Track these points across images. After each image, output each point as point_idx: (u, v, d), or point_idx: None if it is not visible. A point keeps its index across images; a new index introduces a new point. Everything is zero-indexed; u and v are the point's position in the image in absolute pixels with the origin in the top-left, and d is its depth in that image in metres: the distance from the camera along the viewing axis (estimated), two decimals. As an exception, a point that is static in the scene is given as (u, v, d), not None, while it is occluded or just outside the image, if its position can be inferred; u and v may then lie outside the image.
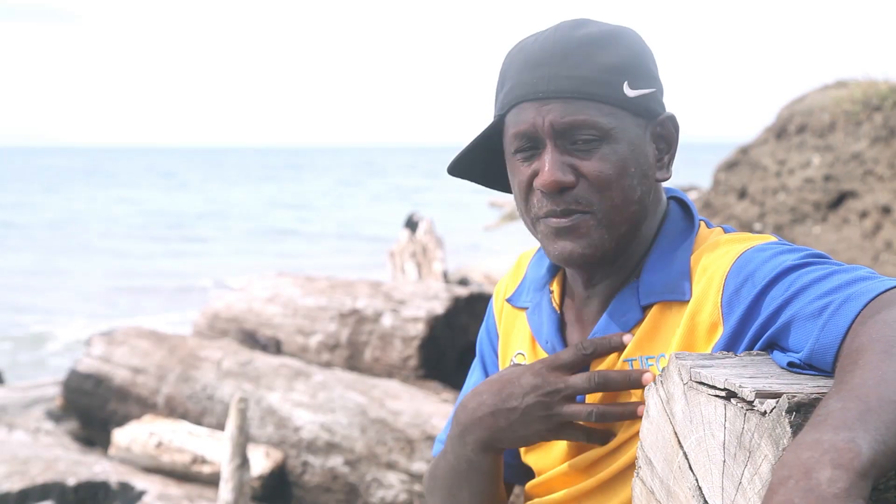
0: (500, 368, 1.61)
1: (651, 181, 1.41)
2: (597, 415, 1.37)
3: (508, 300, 1.61)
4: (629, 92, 1.36)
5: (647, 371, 1.37)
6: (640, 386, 1.36)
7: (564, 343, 1.49)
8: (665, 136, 1.43)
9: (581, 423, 1.41)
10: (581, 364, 1.40)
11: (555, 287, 1.53)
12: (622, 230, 1.39)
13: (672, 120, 1.43)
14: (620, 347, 1.39)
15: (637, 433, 1.36)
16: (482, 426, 1.44)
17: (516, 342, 1.58)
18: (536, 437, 1.42)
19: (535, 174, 1.39)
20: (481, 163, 1.51)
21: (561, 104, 1.35)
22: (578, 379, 1.38)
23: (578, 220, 1.37)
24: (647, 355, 1.38)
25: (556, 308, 1.51)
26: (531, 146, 1.39)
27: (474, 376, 1.68)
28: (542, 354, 1.51)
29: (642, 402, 1.34)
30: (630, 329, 1.41)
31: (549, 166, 1.36)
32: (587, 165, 1.36)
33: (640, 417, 1.33)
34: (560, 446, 1.49)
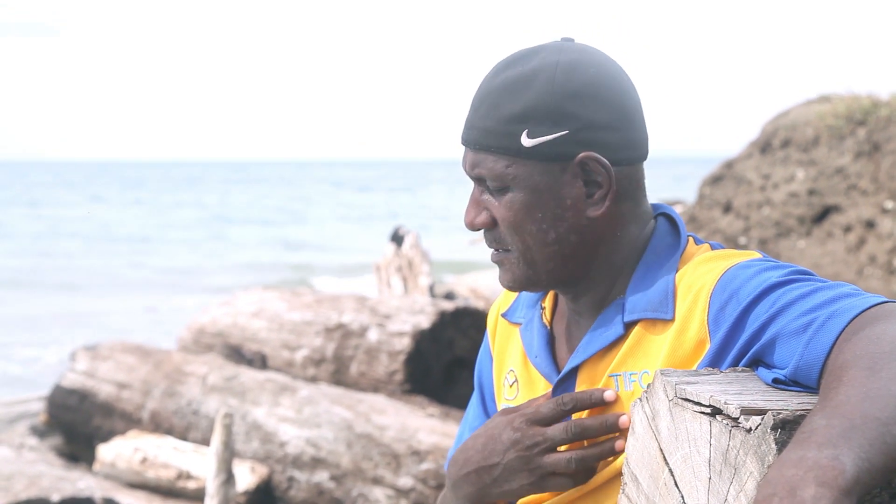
0: (495, 390, 1.62)
1: (576, 219, 1.40)
2: (576, 461, 1.39)
3: (504, 315, 1.62)
4: (526, 142, 1.38)
5: (624, 414, 1.37)
6: (618, 429, 1.38)
7: (552, 358, 1.50)
8: (592, 172, 1.40)
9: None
10: (560, 418, 1.41)
11: (547, 303, 1.54)
12: (549, 266, 1.43)
13: (593, 159, 1.39)
14: (601, 403, 1.40)
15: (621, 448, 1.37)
16: (469, 483, 1.46)
17: (509, 360, 1.59)
18: (523, 491, 1.43)
19: None
20: None
21: (472, 154, 1.44)
22: (556, 430, 1.40)
23: (502, 256, 1.46)
24: (630, 371, 1.39)
25: (546, 324, 1.52)
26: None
27: (471, 413, 1.70)
28: (533, 371, 1.52)
29: (622, 437, 1.35)
30: (611, 343, 1.41)
31: (468, 209, 1.46)
32: (496, 209, 1.43)
33: (621, 452, 1.36)
34: None
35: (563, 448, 1.41)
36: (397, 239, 9.24)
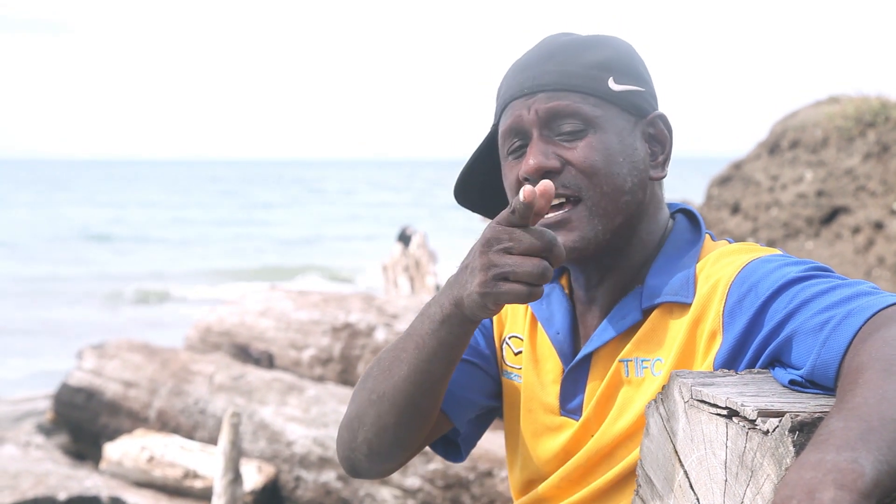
0: (497, 349, 1.56)
1: (644, 175, 1.41)
2: (529, 265, 1.21)
3: None
4: (614, 86, 1.39)
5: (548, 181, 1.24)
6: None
7: (574, 345, 1.45)
8: (657, 135, 1.45)
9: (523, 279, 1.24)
10: (527, 217, 1.24)
11: (563, 281, 1.51)
12: (616, 222, 1.37)
13: (663, 119, 1.45)
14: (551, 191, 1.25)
15: (629, 437, 1.35)
16: (450, 289, 1.33)
17: (514, 324, 1.54)
18: (478, 298, 1.26)
19: (519, 177, 1.40)
20: (487, 189, 1.52)
21: (545, 95, 1.39)
22: (522, 232, 1.23)
23: (569, 213, 1.36)
24: (642, 357, 1.37)
25: (569, 298, 1.48)
26: (520, 142, 1.41)
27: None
28: (543, 344, 1.48)
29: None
30: (627, 330, 1.39)
31: (532, 153, 1.37)
32: (573, 153, 1.37)
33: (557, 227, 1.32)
34: (547, 452, 1.46)
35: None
36: (404, 239, 9.24)
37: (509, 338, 1.54)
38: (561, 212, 1.37)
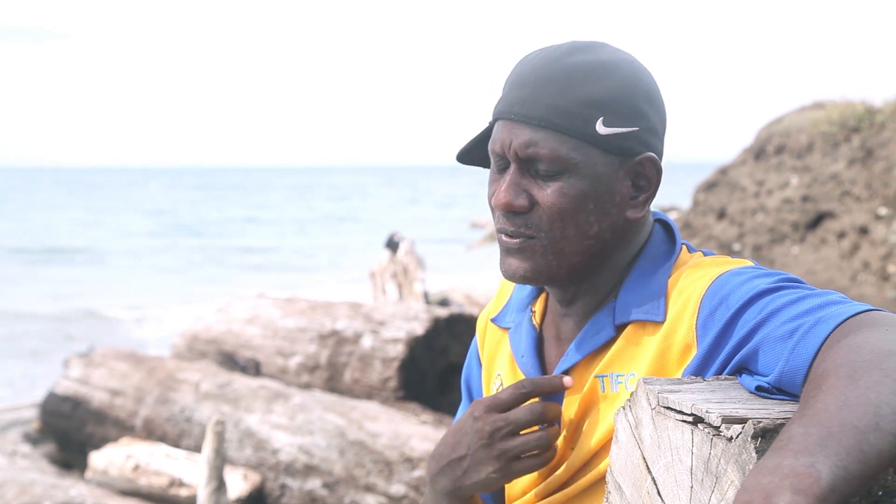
0: (484, 395, 1.62)
1: (617, 217, 1.40)
2: (538, 437, 1.38)
3: (493, 320, 1.61)
4: (601, 129, 1.35)
5: (569, 377, 1.39)
6: (562, 388, 1.39)
7: (540, 360, 1.50)
8: (644, 174, 1.41)
9: (534, 451, 1.40)
10: (520, 402, 1.39)
11: (537, 307, 1.54)
12: (573, 261, 1.40)
13: (653, 161, 1.40)
14: (561, 388, 1.40)
15: (605, 447, 1.37)
16: (443, 477, 1.45)
17: (498, 364, 1.59)
18: (493, 482, 1.41)
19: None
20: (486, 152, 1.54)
21: (529, 131, 1.36)
22: (518, 412, 1.39)
23: (526, 243, 1.39)
24: (617, 373, 1.39)
25: (536, 326, 1.52)
26: (503, 164, 1.42)
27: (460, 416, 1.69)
28: (519, 374, 1.52)
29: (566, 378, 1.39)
30: (601, 346, 1.42)
31: (504, 187, 1.38)
32: (543, 195, 1.37)
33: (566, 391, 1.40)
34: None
35: (524, 431, 1.40)
36: (392, 245, 9.24)
37: (496, 377, 1.59)
38: (518, 241, 1.40)
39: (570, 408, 1.43)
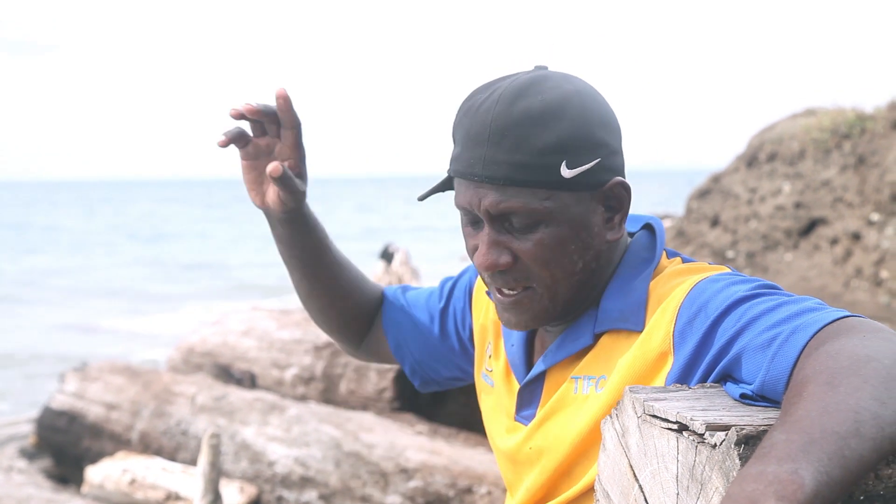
0: (476, 345, 1.67)
1: (598, 244, 1.41)
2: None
3: (489, 293, 1.62)
4: (567, 172, 1.33)
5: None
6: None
7: (528, 353, 1.54)
8: (614, 196, 1.41)
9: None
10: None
11: None
12: (567, 297, 1.42)
13: (621, 184, 1.40)
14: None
15: (583, 454, 1.39)
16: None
17: (490, 331, 1.64)
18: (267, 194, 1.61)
19: (476, 248, 1.41)
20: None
21: (495, 191, 1.34)
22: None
23: (521, 296, 1.41)
24: (590, 375, 1.41)
25: None
26: (474, 218, 1.41)
27: (422, 301, 1.76)
28: (504, 357, 1.58)
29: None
30: (579, 352, 1.45)
31: (484, 249, 1.38)
32: (524, 247, 1.37)
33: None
34: (500, 453, 1.55)
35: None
36: (387, 256, 9.25)
37: (489, 344, 1.63)
38: (514, 293, 1.41)
39: (544, 404, 1.48)
